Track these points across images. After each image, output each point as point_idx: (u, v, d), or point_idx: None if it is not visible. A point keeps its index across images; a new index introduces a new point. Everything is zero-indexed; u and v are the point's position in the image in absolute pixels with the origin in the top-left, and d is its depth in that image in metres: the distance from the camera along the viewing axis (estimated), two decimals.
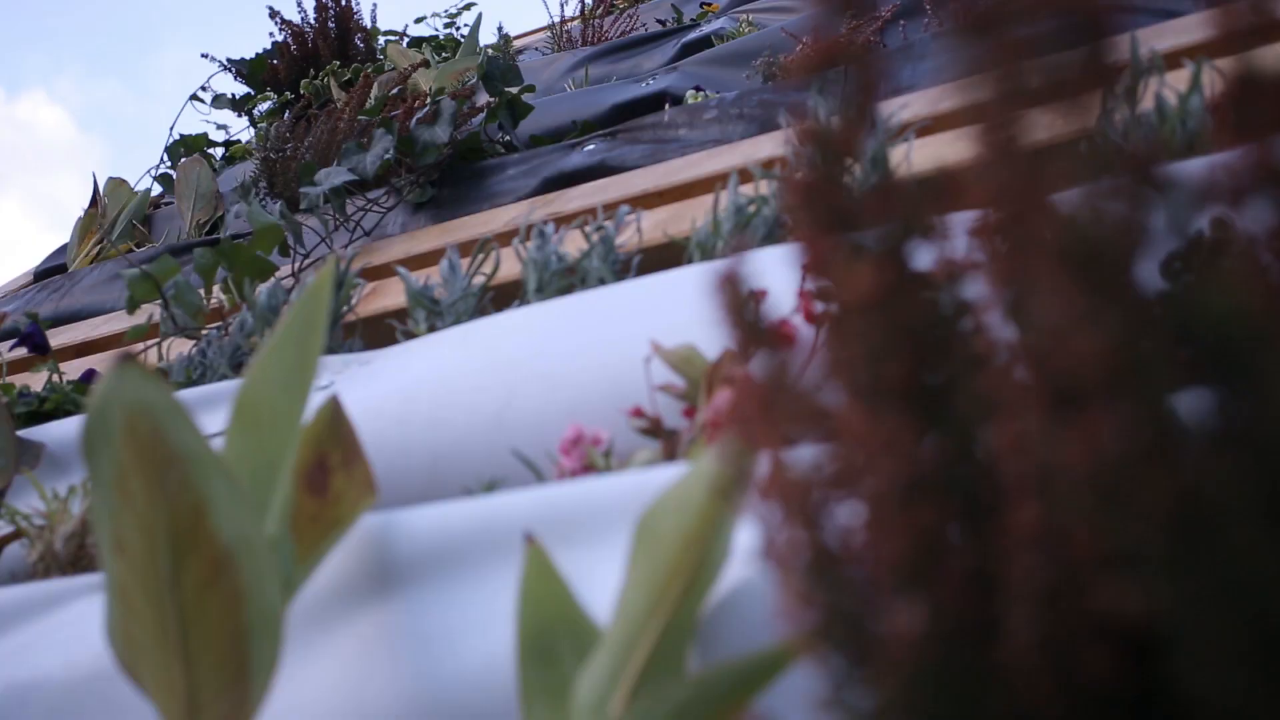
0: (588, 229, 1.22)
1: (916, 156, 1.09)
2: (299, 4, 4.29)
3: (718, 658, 0.63)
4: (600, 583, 0.70)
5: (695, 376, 0.93)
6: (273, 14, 4.32)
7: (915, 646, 0.34)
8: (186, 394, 1.28)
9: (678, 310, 1.05)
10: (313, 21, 4.29)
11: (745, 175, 1.24)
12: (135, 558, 0.61)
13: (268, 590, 0.62)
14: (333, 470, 0.81)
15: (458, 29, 4.22)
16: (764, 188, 1.18)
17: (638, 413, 0.93)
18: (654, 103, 2.26)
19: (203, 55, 4.41)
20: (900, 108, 1.14)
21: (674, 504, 0.62)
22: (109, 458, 0.61)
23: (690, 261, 1.17)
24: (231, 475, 0.63)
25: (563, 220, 1.38)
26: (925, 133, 1.20)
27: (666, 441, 0.93)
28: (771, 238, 1.14)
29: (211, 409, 1.31)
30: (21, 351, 1.65)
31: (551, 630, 0.67)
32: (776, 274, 1.01)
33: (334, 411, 0.85)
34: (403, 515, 0.79)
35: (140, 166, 3.35)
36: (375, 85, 2.80)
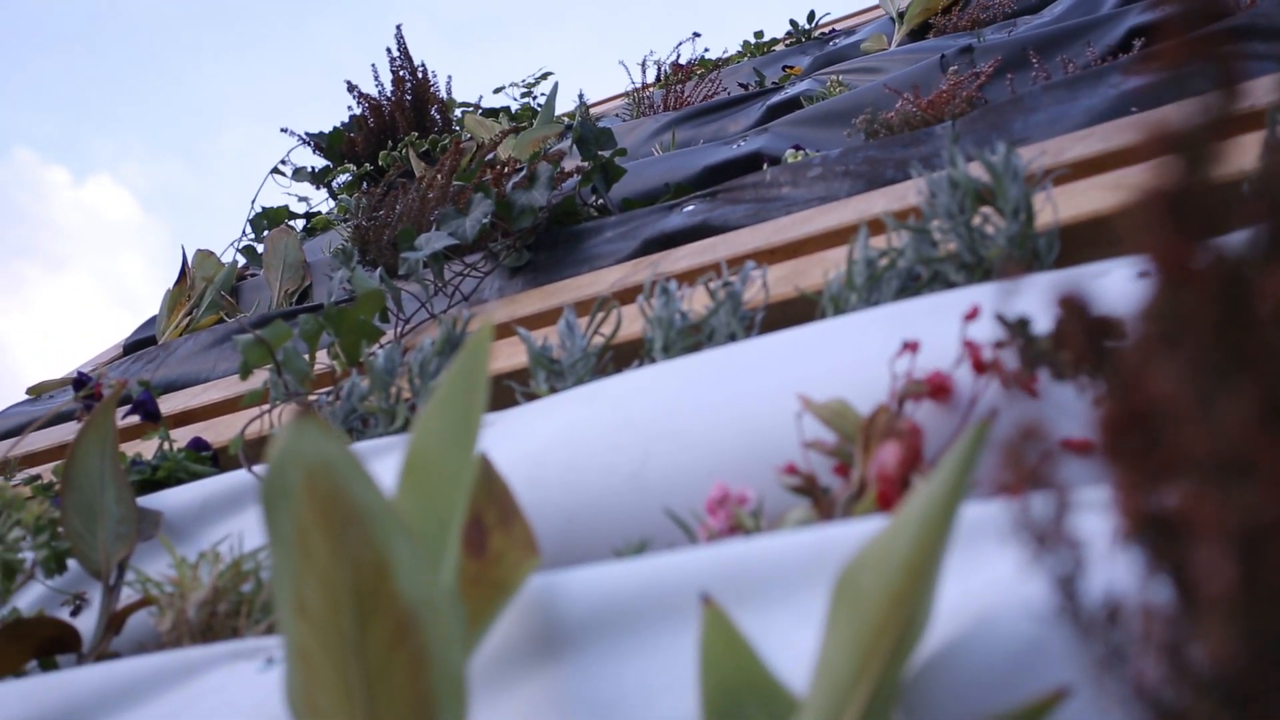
0: (712, 286, 1.20)
1: (1063, 204, 1.06)
2: (376, 78, 4.37)
3: None
4: (781, 644, 0.67)
5: (848, 431, 0.90)
6: (350, 88, 4.40)
7: None
8: None
9: (816, 365, 1.03)
10: (390, 94, 4.36)
11: (873, 228, 1.21)
12: (318, 618, 0.59)
13: (451, 653, 0.60)
14: (490, 529, 0.78)
15: (534, 98, 4.27)
16: (895, 240, 1.15)
17: (791, 469, 0.90)
18: (746, 164, 2.25)
19: (282, 130, 4.49)
20: (1039, 154, 1.11)
21: (876, 560, 0.58)
22: (289, 515, 0.60)
23: (822, 316, 1.14)
24: (410, 533, 0.61)
25: (670, 280, 1.35)
26: (1063, 181, 1.17)
27: (820, 500, 0.89)
28: (905, 290, 1.12)
29: None
30: (131, 419, 1.65)
31: (738, 695, 0.64)
32: (924, 326, 0.98)
33: (485, 469, 0.83)
34: (565, 577, 0.76)
35: (202, 244, 3.38)
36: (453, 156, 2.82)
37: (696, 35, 3.67)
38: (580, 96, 3.50)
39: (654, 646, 0.71)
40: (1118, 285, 0.91)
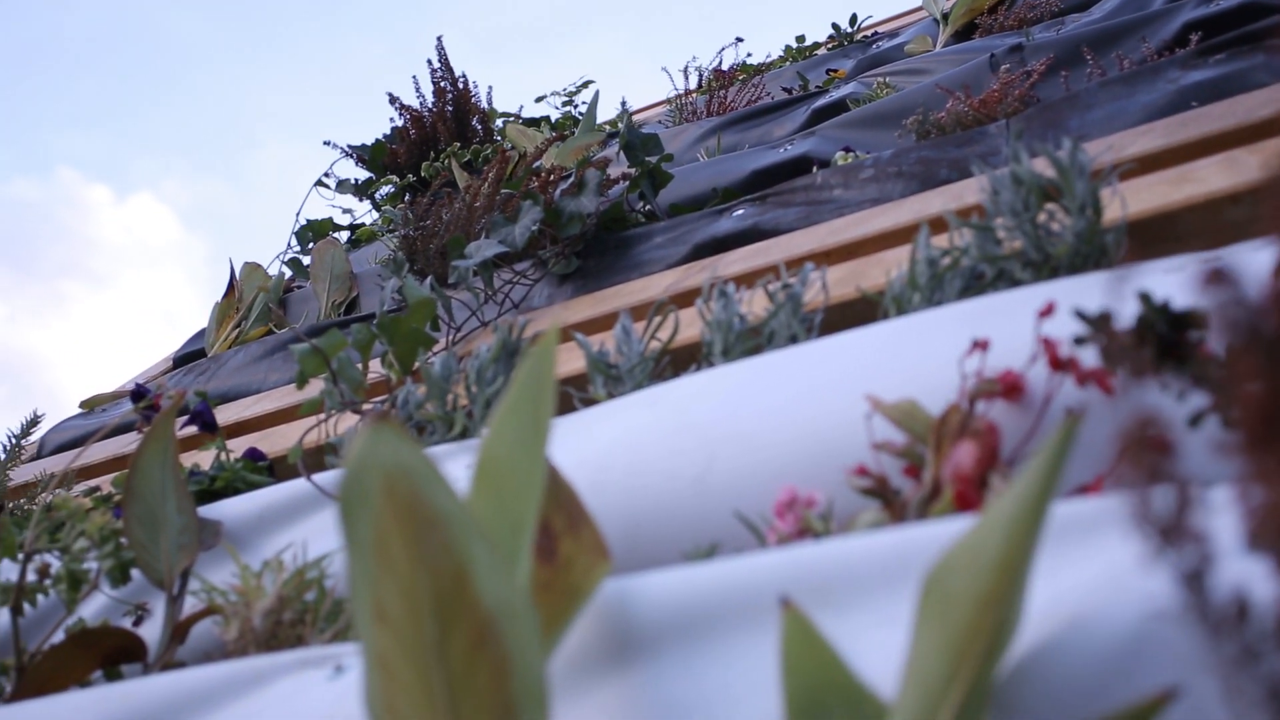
0: (771, 288, 1.19)
1: (1128, 200, 1.04)
2: (417, 89, 4.39)
3: None
4: (862, 648, 0.66)
5: (919, 432, 0.89)
6: (392, 99, 4.42)
7: None
8: None
9: (882, 365, 1.01)
10: (431, 105, 4.38)
11: (933, 227, 1.20)
12: (398, 625, 0.58)
13: (532, 659, 0.59)
14: (559, 535, 0.78)
15: (575, 107, 4.27)
16: (956, 239, 1.14)
17: (862, 471, 0.88)
18: (794, 167, 2.24)
19: (325, 143, 4.53)
20: (1105, 149, 1.09)
21: (966, 560, 0.57)
22: (367, 521, 0.59)
23: (885, 316, 1.13)
24: (488, 538, 0.60)
25: (728, 283, 1.34)
26: (1127, 177, 1.15)
27: (891, 502, 0.88)
28: (969, 289, 1.10)
29: None
30: (188, 430, 1.66)
31: (822, 699, 0.62)
32: (992, 324, 0.97)
33: (551, 474, 0.82)
34: (638, 581, 0.75)
35: (242, 260, 3.40)
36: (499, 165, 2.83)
37: (739, 40, 3.66)
38: (623, 103, 3.50)
39: (732, 650, 0.70)
40: (1191, 281, 0.89)
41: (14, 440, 1.98)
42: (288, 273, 3.73)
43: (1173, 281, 0.85)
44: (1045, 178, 1.05)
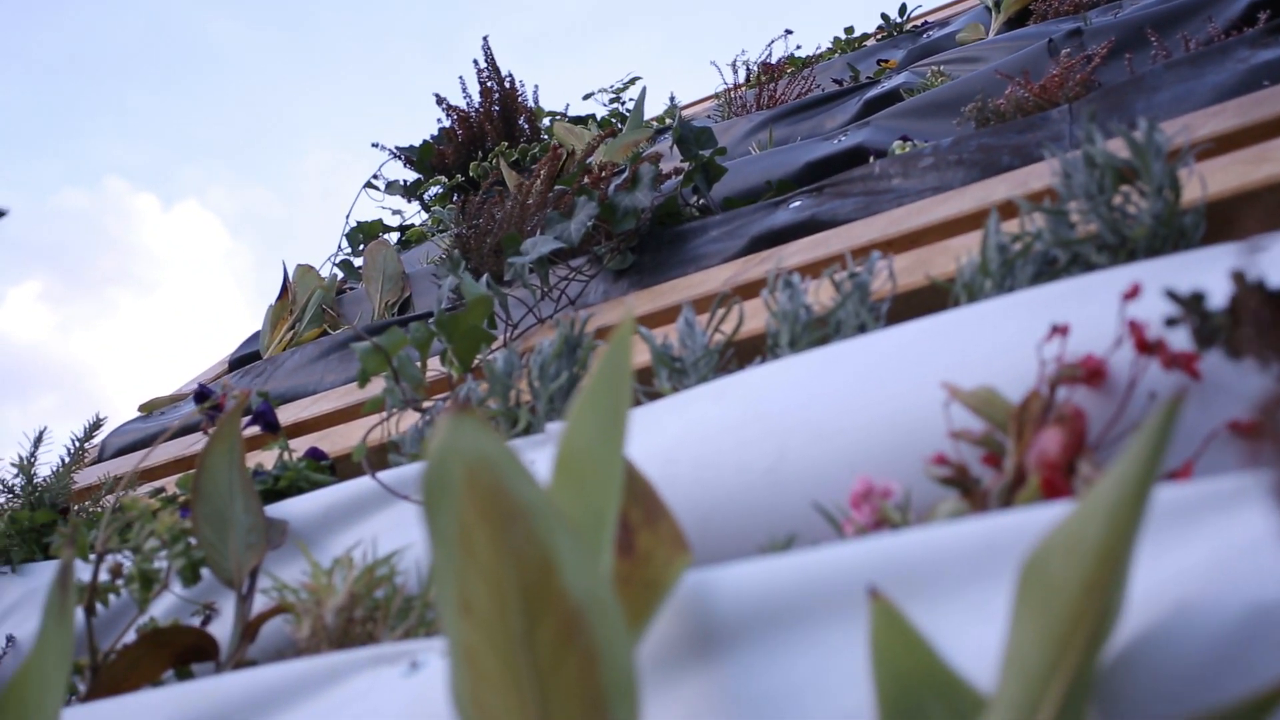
0: (837, 278, 1.17)
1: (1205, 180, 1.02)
2: (463, 90, 4.40)
3: (1119, 715, 0.56)
4: (952, 638, 0.64)
5: (998, 419, 0.87)
6: (439, 100, 4.44)
7: None
8: None
9: (956, 353, 0.99)
10: (478, 106, 4.39)
11: (1011, 211, 1.18)
12: (484, 618, 0.57)
13: (621, 651, 0.58)
14: (636, 528, 0.77)
15: (622, 103, 4.27)
16: (1027, 225, 1.11)
17: (941, 460, 0.87)
18: (849, 158, 2.21)
19: (373, 145, 4.55)
20: (1181, 129, 1.07)
21: (1065, 546, 0.55)
22: (450, 512, 0.58)
23: (955, 304, 1.11)
24: (573, 529, 0.59)
25: (793, 273, 1.33)
26: (1202, 157, 1.13)
27: (972, 491, 0.86)
28: (1041, 275, 1.08)
29: None
30: (250, 431, 1.67)
31: (915, 691, 0.61)
32: (1069, 309, 0.95)
33: (626, 467, 0.81)
34: (718, 574, 0.74)
35: (291, 266, 3.43)
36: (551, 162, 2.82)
37: (788, 32, 3.64)
38: (671, 98, 3.49)
39: (818, 642, 0.69)
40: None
41: (77, 444, 2.00)
42: (339, 274, 3.75)
43: (1263, 261, 0.83)
44: (1120, 159, 1.03)
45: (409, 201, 4.43)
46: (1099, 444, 0.82)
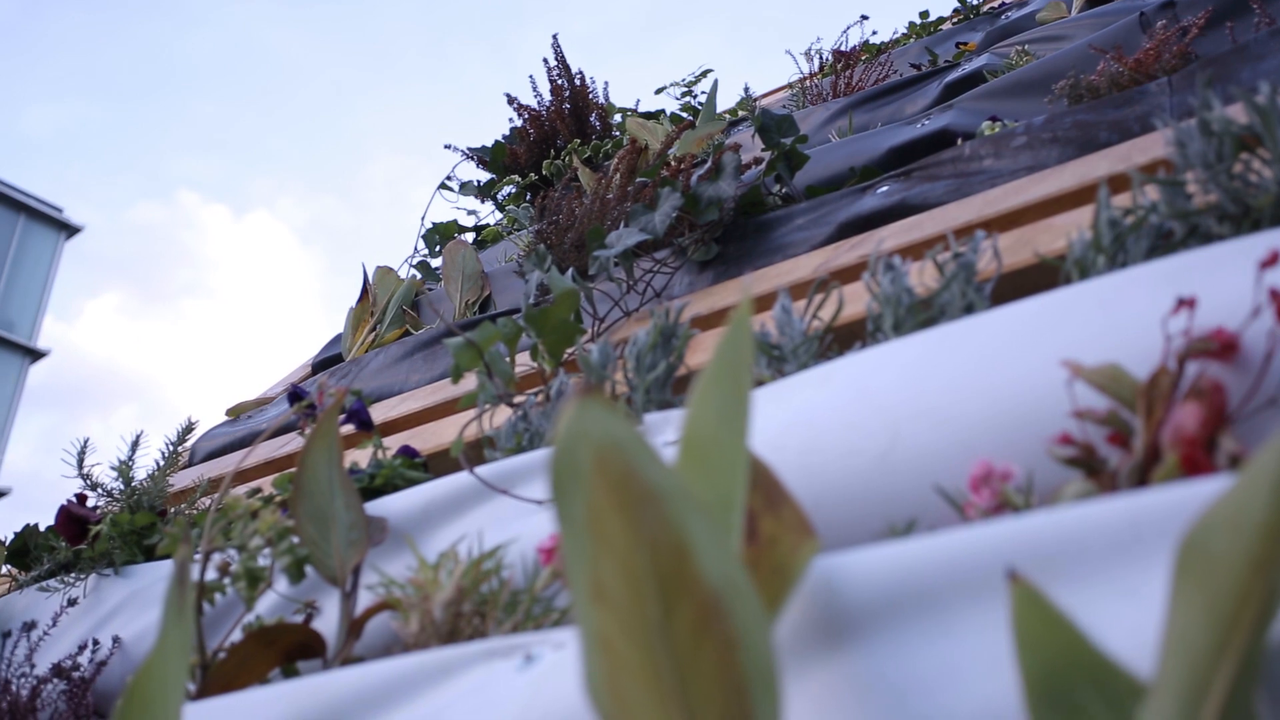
0: (940, 259, 1.14)
1: None
2: (534, 89, 4.41)
3: None
4: (1098, 621, 0.62)
5: (1125, 396, 0.84)
6: (510, 100, 4.45)
7: None
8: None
9: (1072, 331, 0.96)
10: (548, 104, 4.39)
11: (1115, 185, 1.14)
12: (619, 604, 0.56)
13: (759, 637, 0.56)
14: (758, 514, 0.75)
15: (694, 97, 4.25)
16: (1138, 200, 1.08)
17: (1066, 440, 0.84)
18: (933, 142, 2.18)
19: (445, 146, 4.58)
20: None
21: (1228, 522, 0.53)
22: (580, 497, 0.57)
23: (1067, 282, 1.08)
24: (707, 513, 0.58)
25: (894, 256, 1.30)
26: None
27: (1098, 471, 0.83)
28: (1156, 249, 1.04)
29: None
30: (345, 429, 1.67)
31: (1065, 677, 0.58)
32: (1192, 282, 0.91)
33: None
34: (844, 559, 0.72)
35: (356, 273, 3.46)
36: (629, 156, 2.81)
37: (864, 18, 3.59)
38: (746, 89, 3.46)
39: (951, 628, 0.66)
40: None
41: (171, 447, 2.02)
42: (417, 275, 3.78)
43: None
44: (1239, 125, 0.99)
45: (482, 202, 4.45)
46: (1234, 419, 0.79)
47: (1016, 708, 0.62)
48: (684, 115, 4.14)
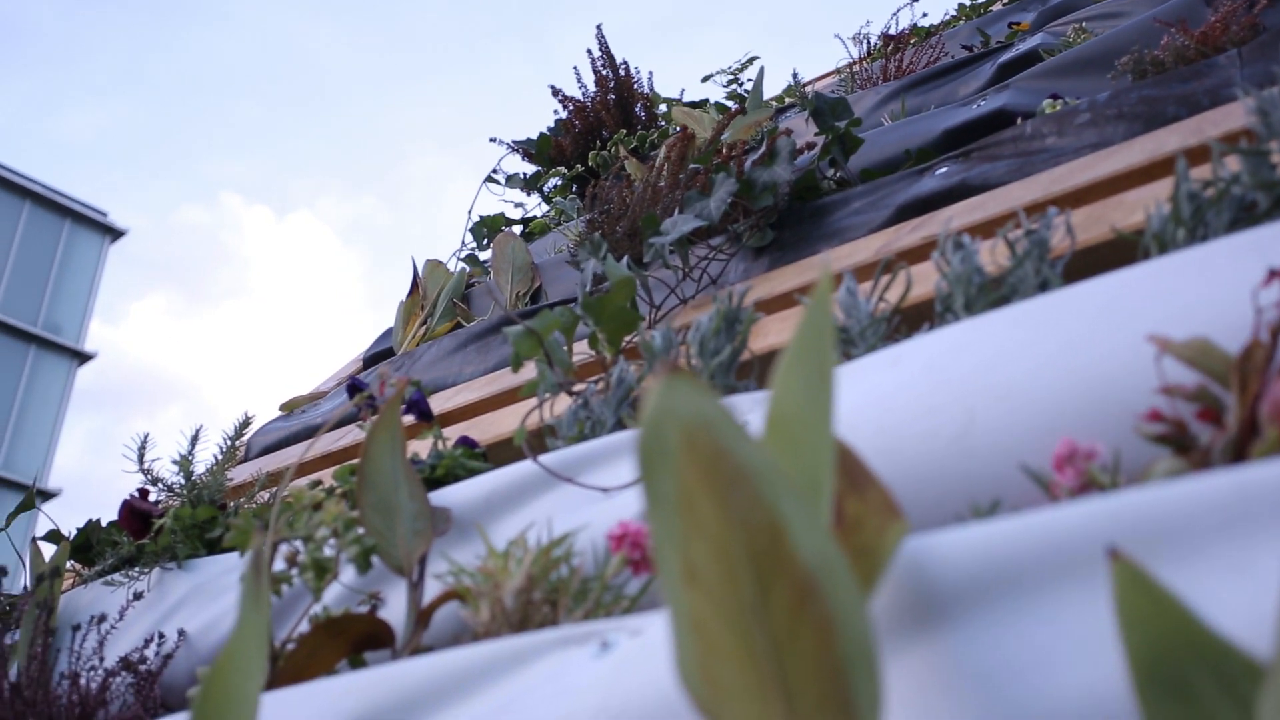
0: (1011, 236, 1.12)
1: None
2: (578, 80, 4.40)
3: None
4: (1205, 601, 0.60)
5: (1216, 371, 0.81)
6: (555, 92, 4.44)
7: None
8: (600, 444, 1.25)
9: (1155, 306, 0.94)
10: (593, 95, 4.38)
11: (1193, 158, 1.11)
12: (711, 586, 0.54)
13: (857, 618, 0.55)
14: (842, 495, 0.73)
15: (740, 84, 4.22)
16: (1218, 172, 1.05)
17: (1155, 416, 0.81)
18: (990, 122, 2.14)
19: (490, 139, 4.58)
20: None
21: None
22: (669, 476, 0.55)
23: (1145, 256, 1.05)
24: (800, 492, 0.56)
25: (963, 234, 1.27)
26: None
27: (1189, 448, 0.81)
28: (1238, 222, 1.01)
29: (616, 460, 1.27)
30: (405, 420, 1.66)
31: (1175, 658, 0.56)
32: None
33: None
34: (932, 540, 0.70)
35: (401, 272, 3.46)
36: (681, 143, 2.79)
37: (913, 0, 3.55)
38: (794, 75, 3.43)
39: (1047, 609, 0.64)
40: None
41: (229, 441, 2.03)
42: (465, 269, 3.78)
43: None
44: None
45: (529, 194, 4.44)
46: None
47: (1116, 693, 0.60)
48: (729, 104, 4.12)
